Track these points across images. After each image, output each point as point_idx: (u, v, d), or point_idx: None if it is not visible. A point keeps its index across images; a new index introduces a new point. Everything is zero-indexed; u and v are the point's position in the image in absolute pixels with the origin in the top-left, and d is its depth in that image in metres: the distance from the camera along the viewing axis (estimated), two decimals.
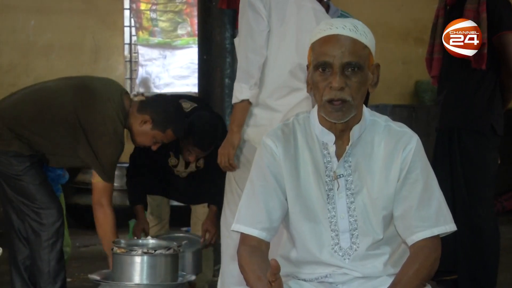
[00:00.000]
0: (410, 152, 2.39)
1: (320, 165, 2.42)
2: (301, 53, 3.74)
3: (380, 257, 2.43)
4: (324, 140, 2.43)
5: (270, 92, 3.70)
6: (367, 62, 2.35)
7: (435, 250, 2.38)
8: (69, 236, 4.60)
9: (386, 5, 8.78)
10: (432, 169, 2.45)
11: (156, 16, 9.30)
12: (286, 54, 3.71)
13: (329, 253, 2.42)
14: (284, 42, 3.71)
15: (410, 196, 2.39)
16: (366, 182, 2.40)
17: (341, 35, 2.33)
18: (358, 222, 2.40)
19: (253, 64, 3.62)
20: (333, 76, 2.30)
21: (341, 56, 2.30)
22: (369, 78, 2.37)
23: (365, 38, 2.35)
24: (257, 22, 3.64)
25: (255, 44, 3.63)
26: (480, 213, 4.31)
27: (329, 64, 2.31)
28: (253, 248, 2.38)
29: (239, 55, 3.72)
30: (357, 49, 2.32)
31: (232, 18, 5.65)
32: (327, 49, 2.32)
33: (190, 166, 4.58)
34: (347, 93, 2.31)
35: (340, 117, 2.34)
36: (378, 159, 2.41)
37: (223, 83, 5.65)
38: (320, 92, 2.34)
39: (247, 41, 3.65)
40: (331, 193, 2.42)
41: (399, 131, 2.43)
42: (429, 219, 2.38)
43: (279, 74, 3.71)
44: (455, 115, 4.41)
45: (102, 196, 3.95)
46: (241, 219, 2.43)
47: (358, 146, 2.42)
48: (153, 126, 4.03)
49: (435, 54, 4.49)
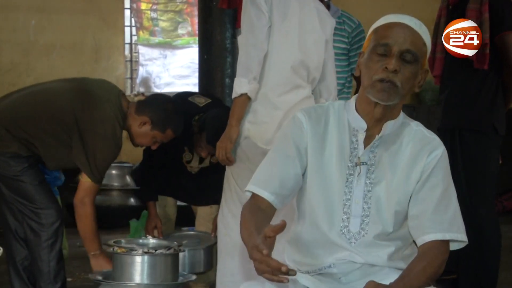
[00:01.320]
0: (435, 158, 2.44)
1: (346, 149, 2.46)
2: (303, 50, 3.75)
3: (385, 248, 2.44)
4: (355, 126, 2.47)
5: (271, 87, 3.71)
6: (422, 58, 2.42)
7: (443, 253, 2.41)
8: (67, 237, 4.60)
9: (386, 5, 8.78)
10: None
11: (156, 15, 9.30)
12: (288, 50, 3.72)
13: (337, 234, 2.44)
14: (286, 38, 3.72)
15: (428, 199, 2.42)
16: (387, 176, 2.44)
17: (407, 25, 2.41)
18: (371, 210, 2.43)
19: (252, 59, 3.63)
20: (389, 58, 2.36)
21: (402, 42, 2.37)
22: (419, 76, 2.44)
23: (426, 38, 2.43)
24: (258, 18, 3.66)
25: (255, 39, 3.64)
26: (481, 212, 4.31)
27: (389, 47, 2.37)
28: (257, 208, 2.42)
29: (240, 51, 3.73)
30: (418, 42, 2.40)
31: (233, 18, 5.65)
32: (390, 33, 2.39)
33: (204, 161, 4.58)
34: (398, 78, 2.37)
35: (385, 97, 2.38)
36: (403, 157, 2.45)
37: (223, 82, 5.66)
38: (372, 72, 2.38)
39: (247, 36, 3.66)
40: (351, 178, 2.45)
41: (429, 137, 2.48)
42: (443, 223, 2.41)
43: (281, 70, 3.72)
44: (457, 114, 4.41)
45: (87, 195, 3.95)
46: (255, 181, 2.48)
47: (387, 140, 2.46)
48: (153, 127, 4.03)
49: (437, 54, 4.49)
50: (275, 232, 2.16)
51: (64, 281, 4.03)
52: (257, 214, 2.39)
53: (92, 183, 3.94)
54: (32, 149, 3.95)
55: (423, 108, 8.64)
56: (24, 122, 3.95)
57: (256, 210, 2.41)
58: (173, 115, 4.09)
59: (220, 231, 3.89)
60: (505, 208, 8.79)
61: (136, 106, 4.06)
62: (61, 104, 3.97)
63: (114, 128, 3.93)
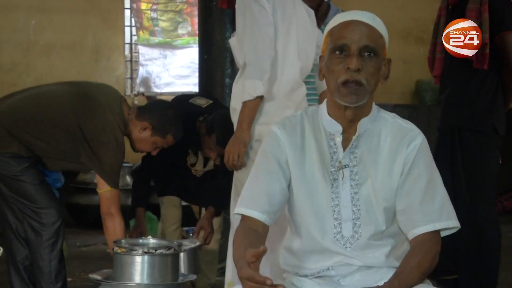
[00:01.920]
0: (415, 149, 2.42)
1: (325, 154, 2.45)
2: (301, 49, 3.72)
3: (381, 248, 2.44)
4: (331, 130, 2.46)
5: (281, 87, 3.65)
6: (382, 51, 2.42)
7: (435, 245, 2.40)
8: (67, 237, 4.60)
9: (386, 5, 8.78)
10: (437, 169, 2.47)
11: (156, 15, 9.30)
12: (294, 50, 3.69)
13: (331, 241, 2.43)
14: (288, 37, 3.68)
15: (413, 191, 2.41)
16: (370, 174, 2.43)
17: (360, 21, 2.41)
18: (361, 211, 2.42)
19: (263, 58, 3.55)
20: (350, 58, 2.36)
21: (359, 39, 2.37)
22: (382, 69, 2.43)
23: (381, 30, 2.44)
24: (262, 15, 3.58)
25: (264, 37, 3.56)
26: (481, 212, 4.31)
27: (347, 46, 2.36)
28: (250, 229, 2.40)
29: (245, 52, 3.62)
30: (374, 36, 2.40)
31: (233, 18, 5.64)
32: (346, 32, 2.38)
33: (208, 164, 4.56)
34: (362, 76, 2.36)
35: (354, 99, 2.37)
36: (383, 152, 2.44)
37: (223, 82, 5.65)
38: (335, 75, 2.38)
39: (255, 34, 3.57)
40: (336, 183, 2.44)
41: (406, 128, 2.46)
42: (432, 214, 2.40)
43: (291, 69, 3.67)
44: (457, 114, 4.41)
45: (111, 205, 3.95)
46: (243, 202, 2.46)
47: (364, 139, 2.45)
48: (153, 133, 4.04)
49: (437, 54, 4.50)
50: (256, 257, 2.14)
51: (65, 280, 4.04)
52: (250, 236, 2.37)
53: (111, 192, 3.95)
54: (33, 149, 3.95)
55: (423, 108, 8.63)
56: (25, 124, 3.96)
57: (248, 232, 2.39)
58: (173, 121, 4.09)
59: (230, 240, 3.87)
60: (505, 208, 8.79)
61: (137, 112, 4.07)
62: (61, 108, 3.98)
63: (116, 133, 3.94)
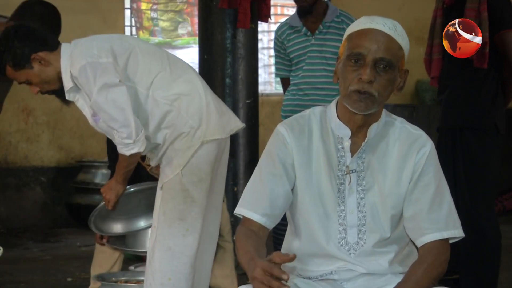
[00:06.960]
0: (424, 155, 2.41)
1: (333, 158, 2.43)
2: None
3: (385, 255, 2.43)
4: (339, 134, 2.43)
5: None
6: (399, 63, 2.37)
7: (444, 253, 2.41)
8: (67, 236, 4.58)
9: (386, 5, 8.78)
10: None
11: (156, 15, 9.29)
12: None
13: (336, 246, 2.42)
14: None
15: (421, 198, 2.40)
16: (378, 180, 2.41)
17: (380, 30, 2.34)
18: (367, 218, 2.41)
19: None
20: (364, 68, 2.31)
21: (376, 50, 2.31)
22: (397, 80, 2.38)
23: (402, 40, 2.37)
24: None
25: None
26: (482, 212, 4.30)
27: (362, 56, 2.32)
28: (251, 232, 2.38)
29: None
30: (392, 48, 2.34)
31: (233, 18, 5.65)
32: (363, 41, 2.33)
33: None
34: (374, 88, 2.32)
35: (362, 107, 2.34)
36: (391, 158, 2.42)
37: (223, 82, 5.65)
38: (348, 83, 2.34)
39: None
40: (342, 187, 2.42)
41: (415, 134, 2.44)
42: (440, 222, 2.40)
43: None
44: (458, 114, 4.40)
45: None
46: (244, 203, 2.44)
47: (373, 144, 2.43)
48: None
49: (434, 55, 4.49)
50: (282, 261, 2.11)
51: None
52: (252, 238, 2.35)
53: None
54: None
55: (423, 108, 8.62)
56: None
57: (250, 234, 2.37)
58: None
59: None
60: (505, 208, 8.78)
61: None
62: None
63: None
